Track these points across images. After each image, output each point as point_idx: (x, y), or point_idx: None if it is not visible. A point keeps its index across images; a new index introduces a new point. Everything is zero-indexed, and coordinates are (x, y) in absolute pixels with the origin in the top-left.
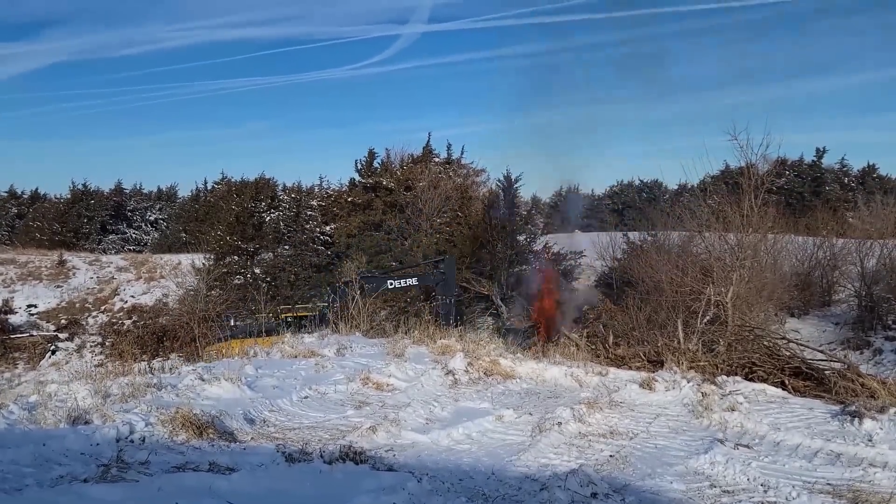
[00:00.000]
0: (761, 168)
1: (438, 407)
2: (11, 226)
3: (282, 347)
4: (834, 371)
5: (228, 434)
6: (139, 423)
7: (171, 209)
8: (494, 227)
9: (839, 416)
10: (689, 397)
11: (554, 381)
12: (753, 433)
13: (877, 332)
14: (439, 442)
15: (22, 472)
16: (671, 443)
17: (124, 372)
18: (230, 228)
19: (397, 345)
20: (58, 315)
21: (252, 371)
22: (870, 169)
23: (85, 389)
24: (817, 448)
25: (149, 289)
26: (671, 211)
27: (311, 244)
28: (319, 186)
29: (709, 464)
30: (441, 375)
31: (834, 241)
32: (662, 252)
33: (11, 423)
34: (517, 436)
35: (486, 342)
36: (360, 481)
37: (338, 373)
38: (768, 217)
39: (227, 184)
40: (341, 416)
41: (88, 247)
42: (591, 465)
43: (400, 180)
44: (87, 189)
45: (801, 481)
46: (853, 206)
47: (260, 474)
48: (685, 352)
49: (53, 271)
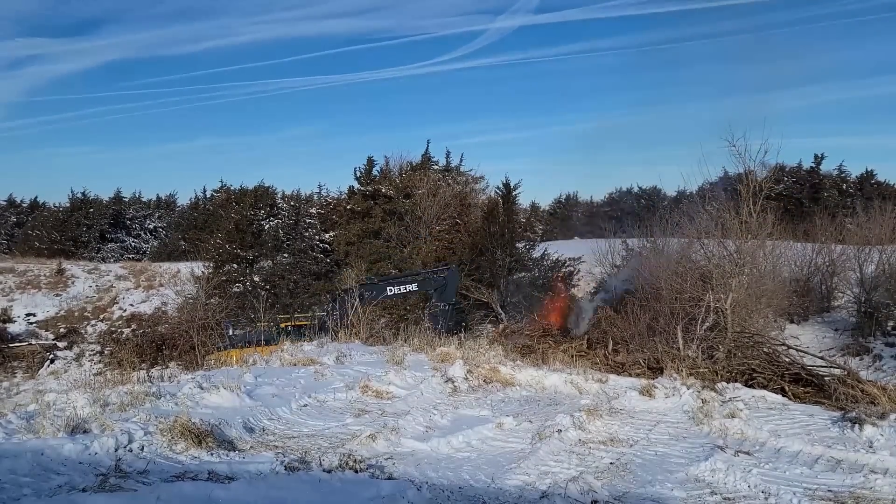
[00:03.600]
0: (760, 174)
1: (438, 415)
2: (10, 234)
3: (281, 356)
4: (834, 377)
5: (227, 443)
6: (138, 432)
7: (171, 217)
8: (493, 234)
9: (840, 422)
10: (690, 404)
11: (554, 389)
12: (754, 440)
13: (876, 337)
14: (439, 450)
15: (20, 481)
16: (671, 450)
17: (123, 381)
18: (229, 236)
19: (397, 352)
20: (57, 324)
21: (251, 379)
22: (868, 175)
23: (83, 398)
24: (818, 454)
25: (148, 297)
26: (670, 217)
27: (310, 252)
28: (318, 194)
29: (709, 471)
30: (441, 383)
31: (833, 247)
32: (662, 258)
33: (9, 433)
34: (517, 443)
35: (485, 349)
36: (360, 490)
37: (337, 381)
38: (767, 223)
39: (226, 192)
40: (341, 425)
41: (87, 255)
42: (592, 473)
43: (399, 188)
44: (87, 197)
45: (802, 488)
46: (852, 213)
47: (259, 483)
48: (685, 358)
49: (52, 280)
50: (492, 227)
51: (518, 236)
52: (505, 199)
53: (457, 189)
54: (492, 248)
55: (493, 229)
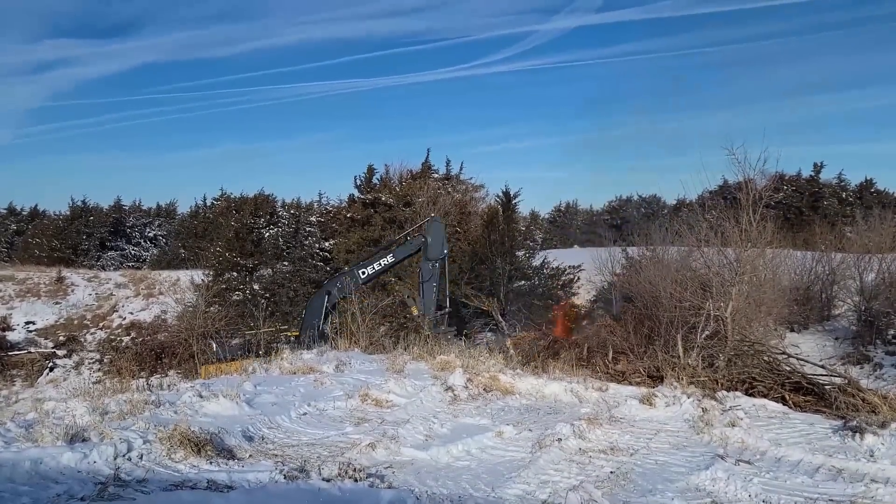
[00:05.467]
0: (759, 183)
1: (438, 423)
2: (10, 242)
3: (280, 364)
4: (834, 386)
5: (227, 451)
6: (137, 440)
7: (171, 225)
8: (493, 242)
9: (840, 431)
10: (690, 413)
11: (554, 397)
12: (754, 449)
13: (876, 346)
14: (439, 459)
15: (18, 490)
16: (672, 459)
17: (122, 389)
18: (229, 244)
19: (396, 361)
20: (56, 332)
21: (250, 388)
22: (867, 183)
23: (83, 407)
24: (819, 464)
25: (147, 305)
26: (670, 226)
27: (310, 260)
28: (318, 202)
29: (710, 480)
30: (440, 391)
31: (832, 255)
32: (661, 267)
33: (8, 441)
34: (517, 452)
35: (485, 358)
36: (360, 499)
37: (337, 389)
38: (767, 232)
39: (226, 200)
40: (340, 433)
41: (87, 263)
42: (592, 482)
43: (399, 196)
44: (86, 205)
45: (803, 497)
46: (851, 221)
47: (258, 492)
48: (685, 367)
49: (52, 288)
50: (492, 236)
51: (518, 245)
52: (505, 208)
53: (457, 197)
54: (492, 256)
55: (493, 237)
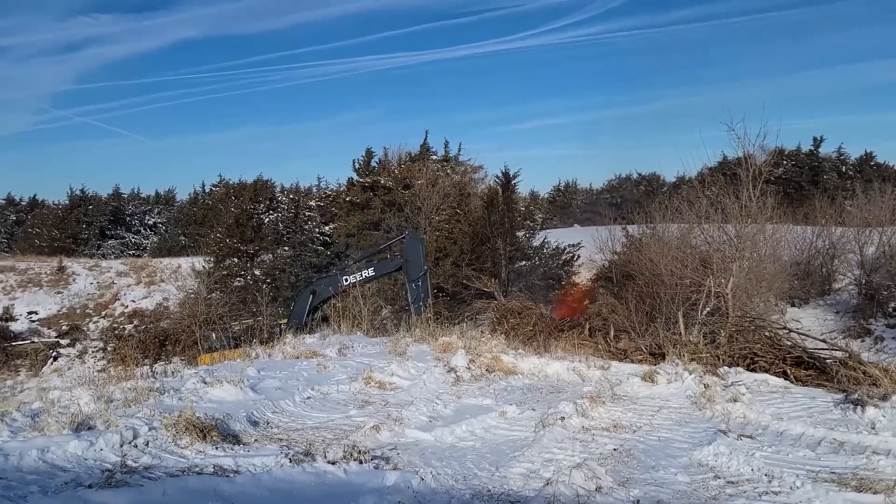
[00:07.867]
0: (759, 158)
1: (441, 404)
2: (10, 233)
3: (283, 348)
4: (836, 360)
5: (232, 436)
6: (142, 427)
7: (170, 213)
8: (493, 223)
9: (842, 404)
10: (692, 389)
11: (556, 376)
12: (756, 423)
13: (877, 319)
14: (443, 439)
15: (26, 479)
16: (674, 435)
17: (127, 377)
18: (229, 231)
19: (399, 343)
20: (59, 321)
21: (254, 373)
22: (867, 157)
23: (87, 395)
24: (820, 437)
25: (149, 293)
26: (669, 203)
27: (310, 244)
28: (317, 187)
29: (712, 455)
30: (443, 373)
31: (833, 229)
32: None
33: (15, 431)
34: (520, 431)
35: (487, 339)
36: (365, 481)
37: (340, 373)
38: (767, 207)
39: (225, 186)
40: (344, 416)
41: (88, 252)
42: (595, 459)
43: (398, 179)
44: (86, 194)
45: (805, 470)
46: (851, 195)
47: (264, 476)
48: (686, 344)
49: (53, 278)
50: (492, 217)
51: (518, 225)
52: (504, 188)
53: (456, 179)
54: (492, 237)
55: (493, 218)
